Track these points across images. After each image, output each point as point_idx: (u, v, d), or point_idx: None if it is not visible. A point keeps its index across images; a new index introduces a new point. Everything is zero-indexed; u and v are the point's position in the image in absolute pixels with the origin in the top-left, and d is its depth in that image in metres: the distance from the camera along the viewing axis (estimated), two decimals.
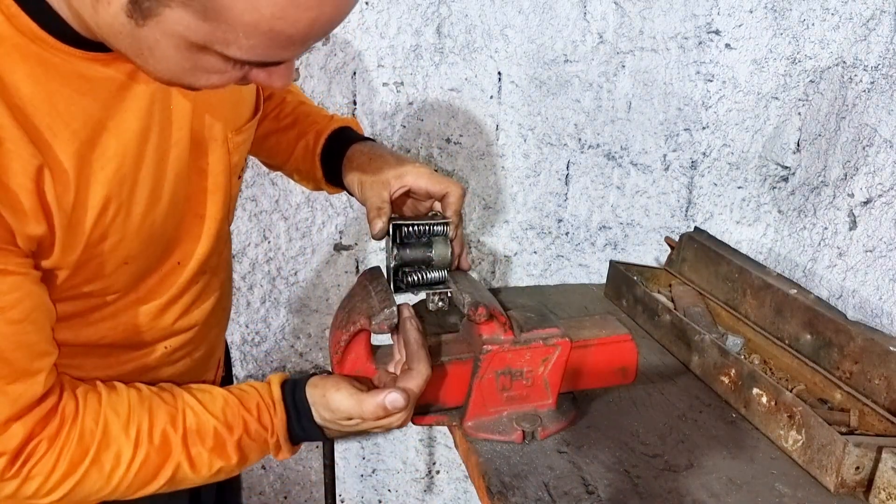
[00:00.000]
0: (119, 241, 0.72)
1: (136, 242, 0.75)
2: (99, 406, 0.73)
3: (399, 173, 0.96)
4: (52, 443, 0.69)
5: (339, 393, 0.81)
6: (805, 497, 0.88)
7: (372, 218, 0.94)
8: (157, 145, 0.74)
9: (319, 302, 1.61)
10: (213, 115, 0.81)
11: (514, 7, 1.46)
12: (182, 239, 0.83)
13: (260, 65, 0.62)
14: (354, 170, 0.99)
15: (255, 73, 0.64)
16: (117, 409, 0.73)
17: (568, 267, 1.68)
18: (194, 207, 0.83)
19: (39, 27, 0.62)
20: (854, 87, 1.28)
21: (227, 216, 0.89)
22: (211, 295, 0.92)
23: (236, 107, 0.86)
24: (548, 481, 0.88)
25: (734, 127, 1.55)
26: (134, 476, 0.73)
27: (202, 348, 0.94)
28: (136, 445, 0.73)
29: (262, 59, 0.60)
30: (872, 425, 0.96)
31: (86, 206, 0.68)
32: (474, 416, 0.94)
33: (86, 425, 0.71)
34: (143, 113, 0.71)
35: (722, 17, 1.48)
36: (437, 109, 1.51)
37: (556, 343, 0.92)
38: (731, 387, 1.07)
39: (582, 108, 1.55)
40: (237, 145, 0.86)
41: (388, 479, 1.81)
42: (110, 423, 0.72)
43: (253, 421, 0.80)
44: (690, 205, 1.63)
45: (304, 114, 1.08)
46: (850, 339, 1.03)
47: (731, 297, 1.26)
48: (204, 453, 0.77)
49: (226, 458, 0.79)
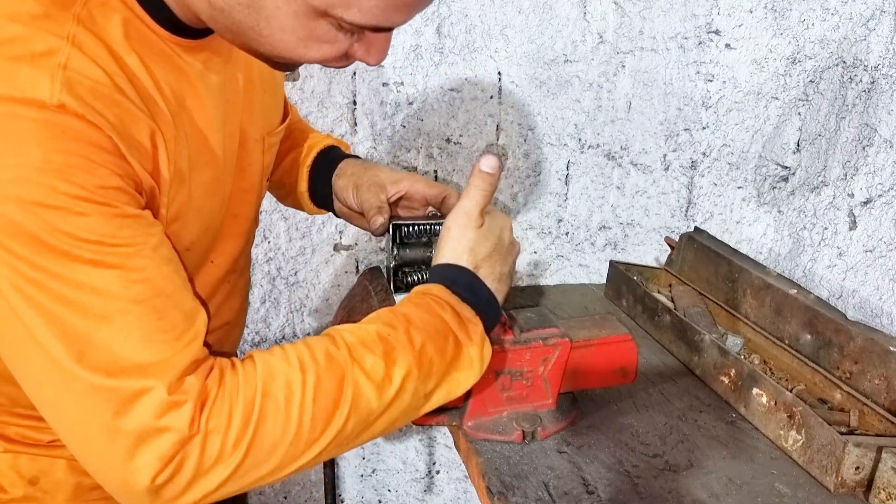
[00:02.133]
0: (185, 224, 0.73)
1: (196, 229, 0.75)
2: (250, 356, 0.67)
3: (395, 179, 0.98)
4: (220, 389, 0.63)
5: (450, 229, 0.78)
6: (805, 497, 0.88)
7: (372, 215, 0.95)
8: (221, 135, 0.76)
9: (319, 302, 1.61)
10: (256, 115, 0.83)
11: (514, 7, 1.46)
12: (220, 238, 0.84)
13: (372, 30, 0.65)
14: (348, 177, 1.01)
15: (357, 46, 0.67)
16: (270, 351, 0.68)
17: (568, 267, 1.68)
18: (232, 206, 0.84)
19: (140, 5, 0.65)
20: (854, 87, 1.28)
21: (255, 216, 0.91)
22: (238, 294, 0.94)
23: (272, 110, 0.89)
24: (548, 481, 0.88)
25: (734, 127, 1.55)
26: (312, 404, 0.65)
27: (227, 346, 0.96)
28: (302, 370, 0.66)
29: (377, 24, 0.63)
30: (872, 425, 0.96)
31: (173, 180, 0.69)
32: (474, 417, 0.94)
33: (246, 369, 0.65)
34: (213, 100, 0.73)
35: (722, 17, 1.48)
36: (437, 109, 1.51)
37: (555, 343, 0.92)
38: (731, 387, 1.07)
39: (582, 108, 1.55)
40: (270, 146, 0.89)
41: (388, 479, 1.81)
42: (268, 360, 0.66)
43: (411, 306, 0.73)
44: (690, 205, 1.63)
45: (299, 129, 1.10)
46: (850, 339, 1.03)
47: (731, 297, 1.26)
48: (378, 361, 0.68)
49: (405, 362, 0.69)
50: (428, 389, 0.73)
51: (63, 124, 0.57)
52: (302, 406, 0.64)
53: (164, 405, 0.60)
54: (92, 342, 0.59)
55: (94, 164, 0.59)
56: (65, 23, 0.60)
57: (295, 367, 0.66)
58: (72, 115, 0.57)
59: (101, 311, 0.59)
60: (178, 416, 0.60)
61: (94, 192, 0.58)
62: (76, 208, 0.58)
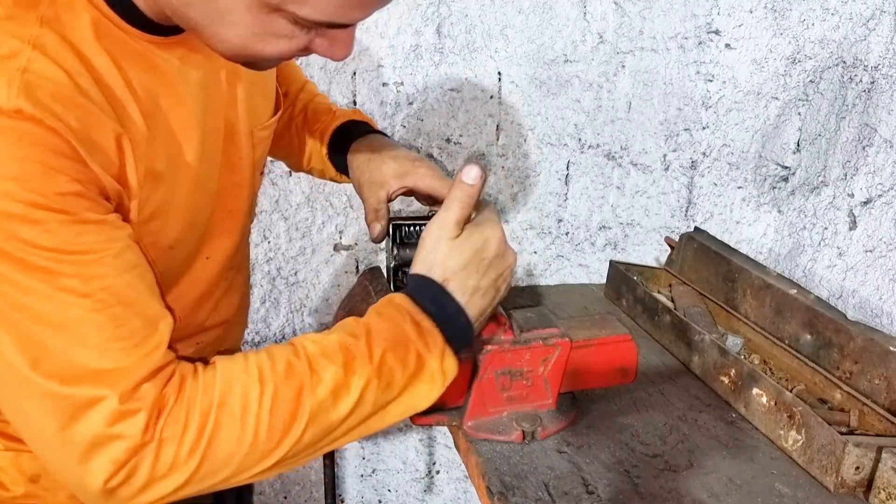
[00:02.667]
0: (165, 222, 0.73)
1: (179, 227, 0.75)
2: (213, 363, 0.68)
3: (400, 173, 0.95)
4: (179, 397, 0.63)
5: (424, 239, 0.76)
6: (805, 497, 0.88)
7: (370, 221, 0.94)
8: (201, 131, 0.75)
9: (319, 302, 1.61)
10: (242, 108, 0.83)
11: (514, 7, 1.46)
12: (213, 233, 0.84)
13: (328, 26, 0.63)
14: (354, 170, 1.00)
15: (319, 41, 0.65)
16: (232, 359, 0.68)
17: (568, 267, 1.68)
18: (225, 202, 0.84)
19: (107, 5, 0.64)
20: (854, 87, 1.28)
21: (250, 211, 0.91)
22: (236, 291, 0.93)
23: (261, 103, 0.88)
24: (548, 481, 0.88)
25: (734, 127, 1.55)
26: (269, 415, 0.65)
27: (226, 344, 0.96)
28: (260, 380, 0.66)
29: (332, 20, 0.61)
30: (872, 425, 0.96)
31: (147, 181, 0.69)
32: (474, 416, 0.94)
33: (206, 378, 0.65)
34: (191, 97, 0.73)
35: (722, 17, 1.48)
36: (437, 109, 1.51)
37: (555, 343, 0.92)
38: (731, 387, 1.07)
39: (582, 108, 1.55)
40: (261, 140, 0.87)
41: (388, 479, 1.81)
42: (228, 370, 0.67)
43: (374, 316, 0.73)
44: (690, 205, 1.63)
45: (314, 111, 1.09)
46: (850, 339, 1.03)
47: (731, 297, 1.26)
48: (338, 371, 0.68)
49: (364, 372, 0.69)
50: (389, 399, 0.72)
51: (20, 130, 0.56)
52: (258, 417, 0.65)
53: (116, 414, 0.60)
54: (48, 349, 0.59)
55: (52, 171, 0.58)
56: (28, 25, 0.59)
57: (254, 378, 0.66)
58: (28, 121, 0.57)
59: (56, 318, 0.59)
60: (130, 425, 0.61)
61: (51, 199, 0.58)
62: (33, 216, 0.57)
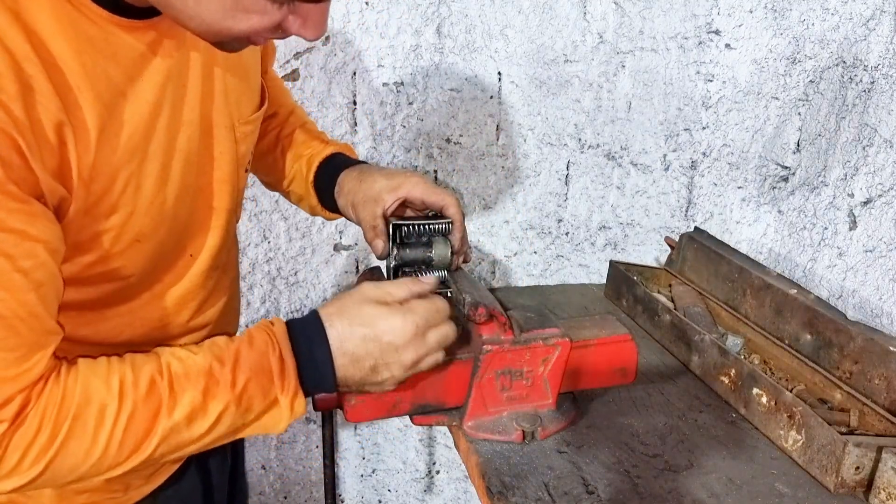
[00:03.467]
0: (129, 215, 0.72)
1: (147, 220, 0.74)
2: (78, 370, 0.68)
3: (393, 186, 0.95)
4: (36, 405, 0.64)
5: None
6: (805, 497, 0.88)
7: (370, 239, 0.94)
8: (169, 122, 0.74)
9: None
10: (222, 102, 0.82)
11: (514, 7, 1.46)
12: (194, 231, 0.83)
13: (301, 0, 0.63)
14: (345, 194, 0.99)
15: (292, 19, 0.65)
16: (95, 366, 0.69)
17: (568, 267, 1.68)
18: (206, 198, 0.83)
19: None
20: (854, 87, 1.28)
21: (234, 209, 0.90)
22: (222, 293, 0.93)
23: (243, 97, 0.87)
24: (548, 481, 0.88)
25: (734, 127, 1.55)
26: (123, 433, 0.66)
27: None
28: (120, 397, 0.66)
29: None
30: (872, 425, 0.96)
31: (100, 173, 0.68)
32: (474, 416, 0.94)
33: (67, 385, 0.66)
34: (158, 86, 0.71)
35: (722, 17, 1.48)
36: (437, 109, 1.51)
37: (555, 343, 0.92)
38: (731, 387, 1.07)
39: (582, 108, 1.55)
40: (244, 135, 0.87)
41: (388, 479, 1.81)
42: (88, 380, 0.67)
43: (246, 341, 0.74)
44: (690, 205, 1.63)
45: (302, 138, 1.09)
46: (850, 339, 1.03)
47: (731, 297, 1.26)
48: (197, 396, 0.69)
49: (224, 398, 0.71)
50: (246, 422, 0.74)
51: None
52: (111, 435, 0.66)
53: None
54: None
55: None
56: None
57: (114, 394, 0.66)
58: None
59: None
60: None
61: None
62: None
